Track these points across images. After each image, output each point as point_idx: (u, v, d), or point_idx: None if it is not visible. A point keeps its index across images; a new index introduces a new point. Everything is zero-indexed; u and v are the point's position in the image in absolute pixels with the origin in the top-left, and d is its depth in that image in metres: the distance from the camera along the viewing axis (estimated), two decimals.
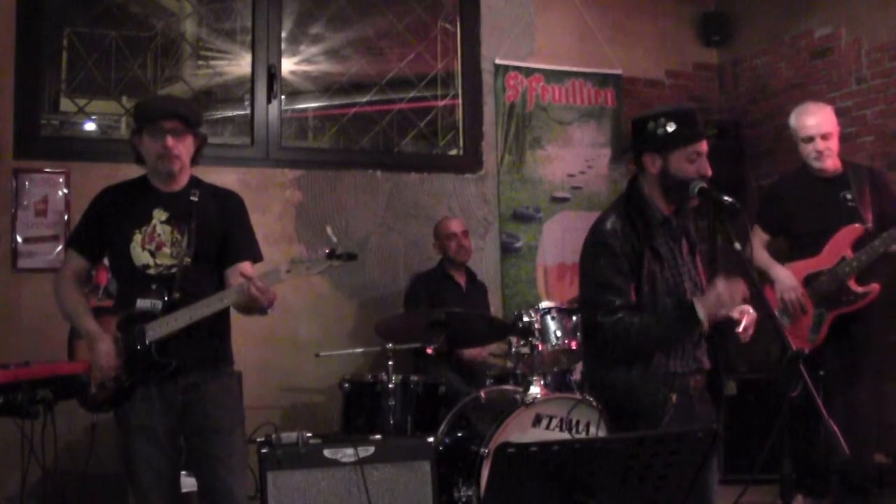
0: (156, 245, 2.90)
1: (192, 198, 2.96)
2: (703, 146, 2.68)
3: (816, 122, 4.12)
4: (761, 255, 4.25)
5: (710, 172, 2.67)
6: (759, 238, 4.32)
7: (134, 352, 2.83)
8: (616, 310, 2.57)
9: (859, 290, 4.00)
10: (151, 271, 2.88)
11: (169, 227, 2.92)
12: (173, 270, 2.88)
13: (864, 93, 5.23)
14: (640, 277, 2.63)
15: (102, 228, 2.96)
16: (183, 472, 3.16)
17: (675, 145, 2.65)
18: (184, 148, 2.92)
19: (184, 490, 3.22)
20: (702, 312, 2.52)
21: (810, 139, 4.12)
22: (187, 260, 2.90)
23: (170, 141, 2.87)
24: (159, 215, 2.93)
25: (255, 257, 3.07)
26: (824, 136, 4.09)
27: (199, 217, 2.94)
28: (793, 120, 4.23)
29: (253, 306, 2.81)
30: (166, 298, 2.84)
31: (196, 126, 2.97)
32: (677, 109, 2.74)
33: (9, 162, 4.56)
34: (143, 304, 2.84)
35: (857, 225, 4.01)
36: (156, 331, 2.82)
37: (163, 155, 2.88)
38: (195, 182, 3.05)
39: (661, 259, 2.68)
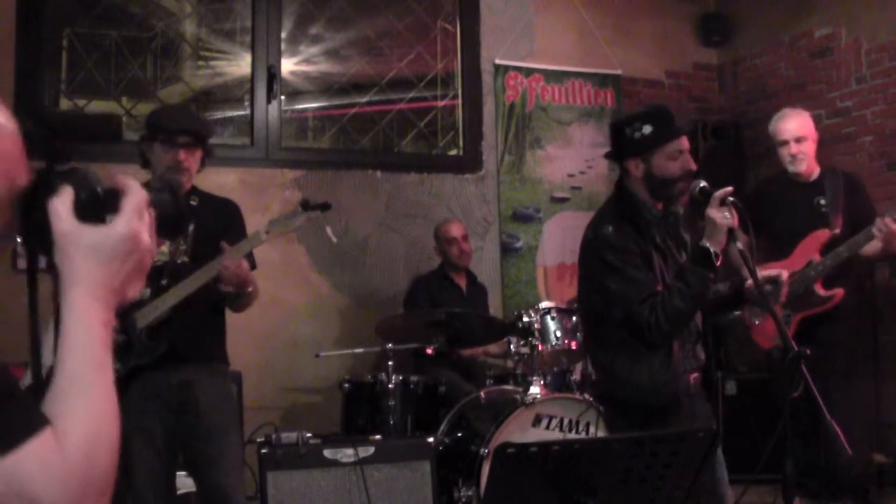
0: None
1: (191, 202, 3.05)
2: (684, 142, 2.69)
3: (790, 126, 4.22)
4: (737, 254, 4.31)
5: (694, 167, 2.68)
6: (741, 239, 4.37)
7: (126, 342, 2.86)
8: (648, 296, 2.57)
9: (824, 293, 4.07)
10: None
11: None
12: (168, 263, 2.95)
13: (864, 93, 5.23)
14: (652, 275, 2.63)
15: None
16: (182, 473, 3.16)
17: (654, 146, 2.66)
18: (194, 162, 3.04)
19: (183, 491, 3.22)
20: (709, 244, 2.52)
21: (784, 143, 4.22)
22: (181, 260, 2.97)
23: (182, 155, 2.97)
24: None
25: (250, 263, 3.09)
26: (798, 140, 4.18)
27: (197, 221, 3.00)
28: (771, 126, 4.34)
29: (230, 282, 2.88)
30: (155, 285, 2.90)
31: (206, 140, 3.08)
32: (651, 110, 2.78)
33: None
34: None
35: (825, 230, 4.10)
36: (146, 317, 2.86)
37: (174, 168, 2.98)
38: (194, 189, 3.13)
39: (665, 257, 2.69)
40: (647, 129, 2.66)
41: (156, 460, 2.89)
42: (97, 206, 1.07)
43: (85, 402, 0.99)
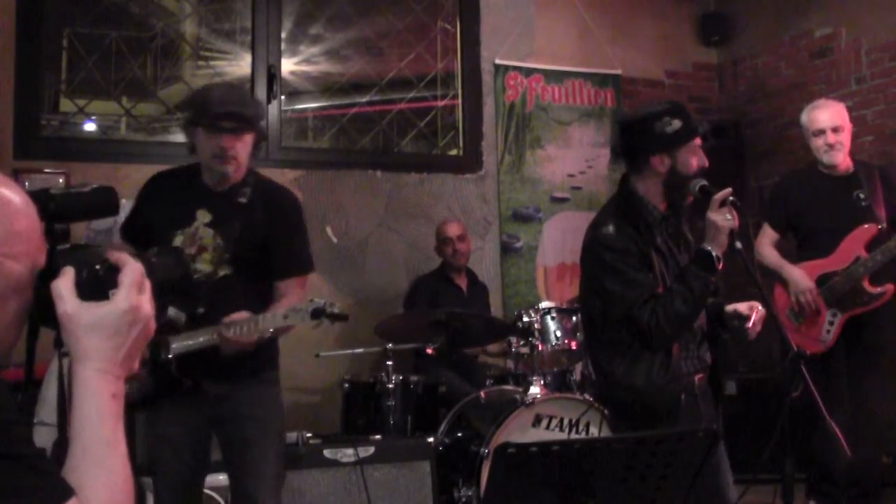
0: (197, 249, 2.71)
1: (240, 199, 2.75)
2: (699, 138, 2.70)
3: (827, 115, 4.06)
4: (771, 254, 4.19)
5: (707, 163, 2.67)
6: (768, 236, 4.24)
7: (157, 362, 2.65)
8: (648, 300, 2.55)
9: (874, 290, 3.93)
10: None
11: (212, 231, 2.73)
12: (207, 279, 2.70)
13: (864, 93, 5.23)
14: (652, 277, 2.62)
15: (147, 219, 2.80)
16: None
17: (683, 142, 2.63)
18: (242, 147, 2.70)
19: (213, 486, 3.17)
20: (711, 247, 2.49)
21: (821, 132, 4.04)
22: (223, 272, 2.73)
23: (226, 141, 2.65)
24: (203, 216, 2.74)
25: (303, 269, 2.88)
26: (835, 130, 4.01)
27: (244, 221, 2.73)
28: (804, 116, 4.17)
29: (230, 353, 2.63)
30: (191, 312, 2.62)
31: (257, 122, 2.76)
32: (674, 105, 2.71)
33: (9, 162, 4.55)
34: (171, 312, 2.63)
35: (871, 224, 3.94)
36: (177, 345, 2.63)
37: (218, 155, 2.68)
38: (250, 179, 2.80)
39: (665, 258, 2.68)
40: (677, 123, 2.61)
41: (181, 467, 2.77)
42: (98, 284, 1.14)
43: (100, 475, 1.08)
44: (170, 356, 2.62)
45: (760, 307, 2.65)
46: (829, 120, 4.04)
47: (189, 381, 2.66)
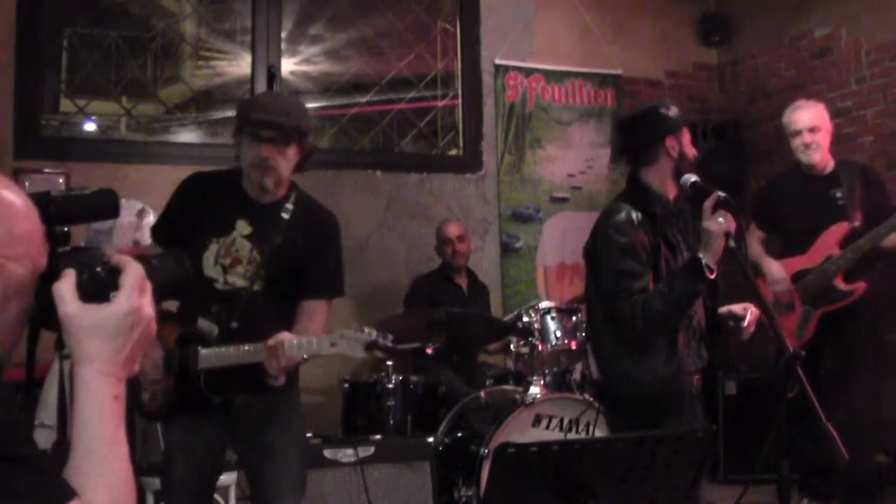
0: (231, 260, 2.64)
1: (282, 214, 2.68)
2: None
3: (804, 116, 4.15)
4: (754, 249, 4.29)
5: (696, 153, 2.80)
6: (754, 235, 4.35)
7: (186, 373, 2.59)
8: (634, 293, 2.57)
9: (845, 287, 3.99)
10: (218, 286, 2.63)
11: (249, 244, 2.65)
12: (242, 293, 2.63)
13: (864, 93, 5.23)
14: (656, 270, 2.63)
15: (182, 220, 2.70)
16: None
17: (683, 125, 2.75)
18: (283, 160, 2.61)
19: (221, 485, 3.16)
20: (704, 256, 2.51)
21: (798, 132, 4.14)
22: (256, 287, 2.65)
23: (265, 151, 2.57)
24: (243, 227, 2.66)
25: (334, 293, 2.80)
26: (811, 130, 4.11)
27: (284, 238, 2.66)
28: (784, 118, 4.27)
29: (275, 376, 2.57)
30: (224, 325, 2.60)
31: (302, 135, 2.65)
32: (661, 99, 2.93)
33: (9, 162, 4.56)
34: (202, 324, 2.62)
35: (843, 223, 4.01)
36: (208, 359, 2.56)
37: (257, 165, 2.59)
38: (293, 194, 2.73)
39: (673, 251, 2.69)
40: (675, 109, 2.75)
41: (194, 475, 2.72)
42: (99, 286, 1.14)
43: (102, 476, 1.08)
44: (199, 368, 2.57)
45: (754, 308, 2.67)
46: (806, 120, 4.13)
47: (218, 397, 2.61)
